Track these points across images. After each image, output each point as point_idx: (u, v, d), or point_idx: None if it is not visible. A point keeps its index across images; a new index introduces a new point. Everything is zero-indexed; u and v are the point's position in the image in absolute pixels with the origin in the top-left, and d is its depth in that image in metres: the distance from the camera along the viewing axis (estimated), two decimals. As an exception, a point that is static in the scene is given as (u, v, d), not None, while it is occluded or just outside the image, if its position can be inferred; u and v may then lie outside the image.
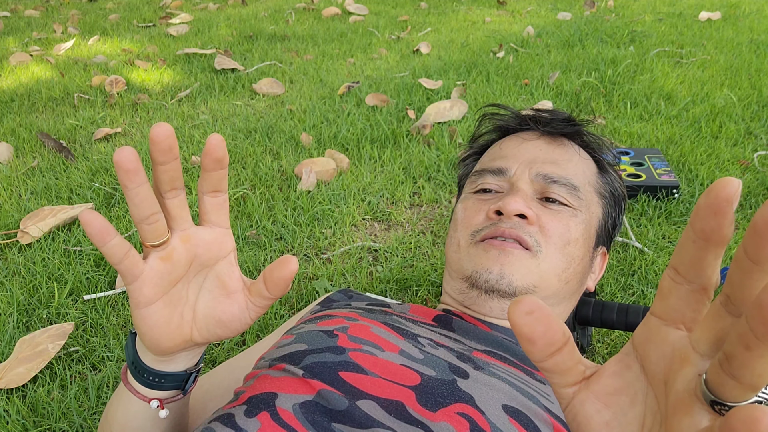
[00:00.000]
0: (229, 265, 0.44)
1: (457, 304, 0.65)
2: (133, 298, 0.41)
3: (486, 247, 0.60)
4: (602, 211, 0.69)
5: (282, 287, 0.42)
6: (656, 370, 0.27)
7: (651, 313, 0.28)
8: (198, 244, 0.42)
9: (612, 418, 0.28)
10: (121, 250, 0.38)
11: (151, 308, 0.42)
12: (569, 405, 0.29)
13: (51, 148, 1.63)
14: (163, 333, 0.43)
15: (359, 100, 1.95)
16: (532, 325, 0.27)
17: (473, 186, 0.68)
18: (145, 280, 0.41)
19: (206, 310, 0.44)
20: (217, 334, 0.45)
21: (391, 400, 0.46)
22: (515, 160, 0.67)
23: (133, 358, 0.47)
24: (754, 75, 2.08)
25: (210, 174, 0.40)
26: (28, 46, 2.76)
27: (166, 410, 0.49)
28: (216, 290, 0.44)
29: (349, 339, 0.53)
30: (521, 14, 3.31)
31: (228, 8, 3.66)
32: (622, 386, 0.28)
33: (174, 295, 0.43)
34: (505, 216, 0.61)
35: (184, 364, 0.48)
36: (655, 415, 0.27)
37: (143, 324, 0.42)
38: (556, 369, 0.28)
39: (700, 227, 0.24)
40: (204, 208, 0.42)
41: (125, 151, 0.36)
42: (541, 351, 0.28)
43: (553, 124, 0.70)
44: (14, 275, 1.12)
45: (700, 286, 0.26)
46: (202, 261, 0.43)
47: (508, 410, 0.47)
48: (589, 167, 0.70)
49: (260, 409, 0.46)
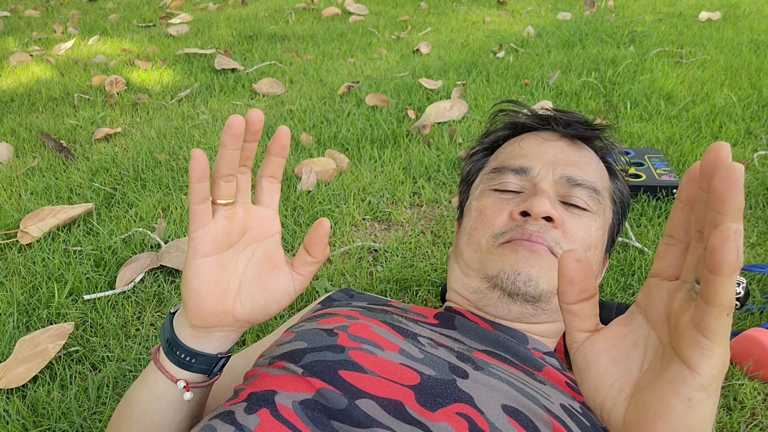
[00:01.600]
0: (275, 243, 0.49)
1: (467, 303, 0.64)
2: (194, 246, 0.44)
3: (514, 247, 0.59)
4: (613, 216, 0.69)
5: (321, 247, 0.47)
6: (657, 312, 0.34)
7: (650, 276, 0.35)
8: (254, 217, 0.47)
9: (618, 355, 0.34)
10: (206, 192, 0.43)
11: (207, 260, 0.45)
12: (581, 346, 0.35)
13: (51, 148, 1.63)
14: (210, 292, 0.45)
15: (359, 100, 1.95)
16: (578, 270, 0.34)
17: (492, 183, 0.67)
18: (209, 231, 0.44)
19: (253, 280, 0.47)
20: (260, 304, 0.47)
21: (391, 400, 0.46)
22: (537, 160, 0.66)
23: (169, 335, 0.49)
24: (754, 75, 2.08)
25: (273, 159, 0.47)
26: (28, 46, 2.76)
27: (191, 393, 0.50)
28: (263, 263, 0.48)
29: (349, 338, 0.53)
30: (521, 14, 3.31)
31: (228, 8, 3.66)
32: (627, 332, 0.35)
33: (226, 259, 0.46)
34: (531, 218, 0.60)
35: (217, 347, 0.49)
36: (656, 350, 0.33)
37: (196, 276, 0.45)
38: (580, 313, 0.35)
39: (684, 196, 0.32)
40: (261, 190, 0.48)
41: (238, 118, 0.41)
42: (575, 294, 0.34)
43: (574, 127, 0.69)
44: (14, 275, 1.12)
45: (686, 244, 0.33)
46: (253, 234, 0.48)
47: (508, 410, 0.46)
48: (604, 172, 0.70)
49: (260, 405, 0.46)
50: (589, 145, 0.71)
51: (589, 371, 0.34)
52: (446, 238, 1.23)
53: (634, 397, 0.33)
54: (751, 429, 0.81)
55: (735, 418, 0.81)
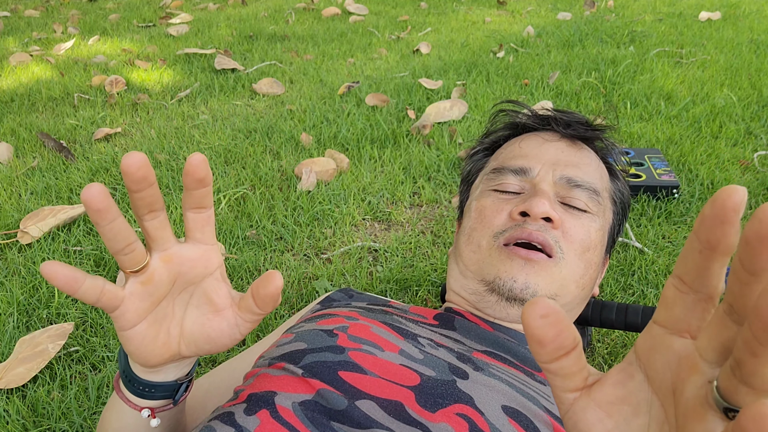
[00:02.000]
0: (216, 281, 0.43)
1: (466, 304, 0.64)
2: (117, 323, 0.41)
3: (510, 254, 0.59)
4: (613, 217, 0.69)
5: (270, 303, 0.41)
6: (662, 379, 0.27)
7: (654, 322, 0.27)
8: (182, 262, 0.42)
9: (614, 427, 0.27)
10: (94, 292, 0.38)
11: (136, 329, 0.42)
12: (569, 411, 0.29)
13: (51, 148, 1.63)
14: (150, 351, 0.43)
15: (359, 100, 1.95)
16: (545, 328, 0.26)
17: (492, 183, 0.67)
18: (127, 306, 0.40)
19: (194, 327, 0.44)
20: (205, 349, 0.44)
21: (391, 401, 0.46)
22: (537, 160, 0.66)
23: (124, 367, 0.47)
24: (754, 75, 2.08)
25: (192, 192, 0.40)
26: (28, 46, 2.76)
27: (157, 419, 0.49)
28: (204, 306, 0.44)
29: (349, 338, 0.53)
30: (521, 14, 3.31)
31: (228, 8, 3.66)
32: (625, 395, 0.28)
33: (159, 313, 0.42)
34: (531, 218, 0.60)
35: (174, 375, 0.48)
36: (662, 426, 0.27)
37: (129, 344, 0.42)
38: (561, 372, 0.28)
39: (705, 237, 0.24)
40: (188, 225, 0.42)
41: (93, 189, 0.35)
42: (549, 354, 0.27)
43: (575, 127, 0.69)
44: (14, 275, 1.12)
45: (705, 295, 0.25)
46: (187, 279, 0.43)
47: (508, 411, 0.46)
48: (605, 172, 0.70)
49: (260, 406, 0.46)
50: (590, 145, 0.71)
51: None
52: (446, 238, 1.23)
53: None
54: (751, 429, 0.80)
55: (735, 419, 0.81)
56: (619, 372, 0.28)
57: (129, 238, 0.38)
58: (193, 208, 0.41)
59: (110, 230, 0.37)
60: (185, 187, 0.40)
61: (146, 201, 0.38)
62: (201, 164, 0.38)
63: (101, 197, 0.35)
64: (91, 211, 0.35)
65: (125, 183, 0.36)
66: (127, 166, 0.36)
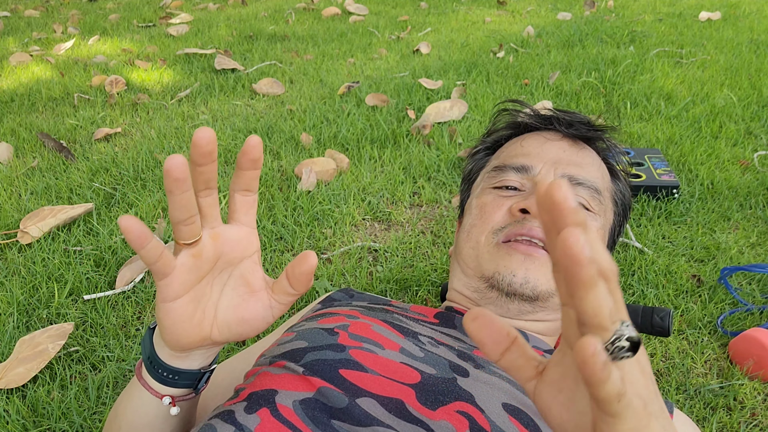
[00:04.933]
0: (253, 264, 0.45)
1: (468, 302, 0.64)
2: (161, 293, 0.42)
3: (509, 250, 0.59)
4: (614, 218, 0.69)
5: (304, 282, 0.43)
6: None
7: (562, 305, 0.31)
8: (225, 242, 0.43)
9: (566, 399, 0.32)
10: (156, 252, 0.39)
11: (177, 302, 0.43)
12: (533, 396, 0.33)
13: (51, 148, 1.63)
14: (185, 328, 0.44)
15: (359, 100, 1.95)
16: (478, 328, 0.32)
17: (493, 181, 0.67)
18: (175, 276, 0.42)
19: (229, 308, 0.45)
20: (237, 332, 0.45)
21: (391, 398, 0.46)
22: (539, 158, 0.66)
23: (150, 353, 0.48)
24: (754, 75, 2.08)
25: (245, 173, 0.42)
26: (28, 46, 2.76)
27: (177, 407, 0.49)
28: (240, 288, 0.45)
29: (350, 337, 0.53)
30: (521, 14, 3.31)
31: (228, 8, 3.66)
32: (564, 370, 0.32)
33: (199, 291, 0.44)
34: (531, 215, 0.60)
35: (199, 363, 0.48)
36: None
37: (167, 318, 0.43)
38: (511, 366, 0.33)
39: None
40: (234, 206, 0.43)
41: (176, 159, 0.37)
42: (491, 351, 0.32)
43: (577, 127, 0.69)
44: (14, 275, 1.12)
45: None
46: (227, 259, 0.44)
47: (508, 408, 0.46)
48: (606, 173, 0.70)
49: (260, 405, 0.46)
50: (591, 145, 0.71)
51: (551, 421, 0.32)
52: (446, 238, 1.23)
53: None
54: (751, 429, 0.81)
55: (735, 418, 0.81)
56: (557, 353, 0.33)
57: (192, 210, 0.40)
58: (241, 189, 0.43)
59: (181, 200, 0.38)
60: (239, 167, 0.42)
61: (206, 176, 0.40)
62: (258, 146, 0.41)
63: (183, 168, 0.37)
64: (170, 179, 0.37)
65: (192, 156, 0.39)
66: (198, 139, 0.38)
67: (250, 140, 0.40)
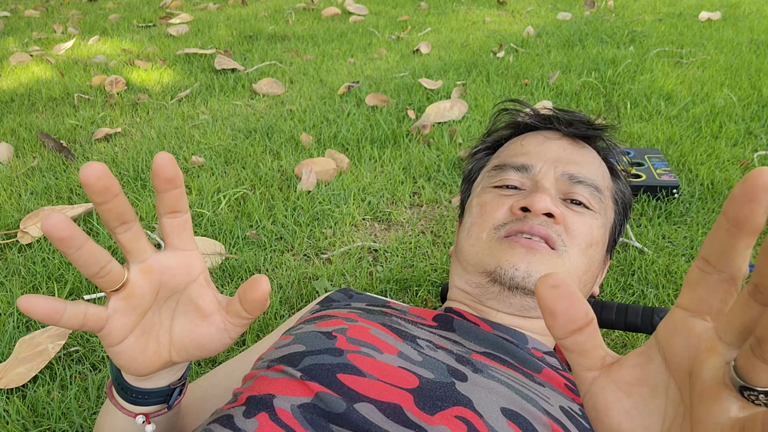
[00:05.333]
0: (200, 287, 0.42)
1: (469, 300, 0.64)
2: (104, 341, 0.41)
3: (511, 244, 0.59)
4: (614, 217, 0.69)
5: (258, 307, 0.40)
6: (680, 361, 0.27)
7: (677, 306, 0.28)
8: (162, 271, 0.40)
9: (633, 408, 0.28)
10: (76, 319, 0.37)
11: (124, 344, 0.41)
12: (588, 391, 0.29)
13: (51, 148, 1.63)
14: (141, 362, 0.42)
15: (359, 100, 1.95)
16: (556, 298, 0.27)
17: (493, 180, 0.67)
18: (113, 324, 0.40)
19: (183, 333, 0.43)
20: (196, 355, 0.44)
21: (389, 403, 0.46)
22: (539, 157, 0.66)
23: (116, 376, 0.47)
24: (754, 75, 2.08)
25: (164, 195, 0.38)
26: (28, 46, 2.76)
27: (152, 425, 0.49)
28: (191, 313, 0.43)
29: (348, 341, 0.52)
30: (521, 14, 3.31)
31: (228, 8, 3.66)
32: (644, 377, 0.28)
33: (146, 324, 0.42)
34: (532, 214, 0.60)
35: (167, 380, 0.48)
36: (678, 407, 0.27)
37: (119, 358, 0.42)
38: (576, 348, 0.29)
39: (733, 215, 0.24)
40: (165, 231, 0.40)
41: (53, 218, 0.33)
42: (561, 326, 0.28)
43: (576, 126, 0.69)
44: (14, 275, 1.12)
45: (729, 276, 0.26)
46: (170, 287, 0.41)
47: (507, 413, 0.46)
48: (606, 172, 0.70)
49: (259, 409, 0.46)
50: (591, 144, 0.71)
51: (601, 424, 0.29)
52: (446, 238, 1.23)
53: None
54: (750, 429, 0.80)
55: (735, 419, 0.81)
56: (639, 355, 0.29)
57: (102, 261, 0.36)
58: (167, 213, 0.39)
59: (80, 257, 0.35)
60: (156, 191, 0.38)
61: (114, 213, 0.36)
62: (168, 163, 0.37)
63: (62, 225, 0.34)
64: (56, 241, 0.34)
65: (88, 196, 0.35)
66: (86, 177, 0.34)
67: (157, 159, 0.37)
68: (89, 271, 0.36)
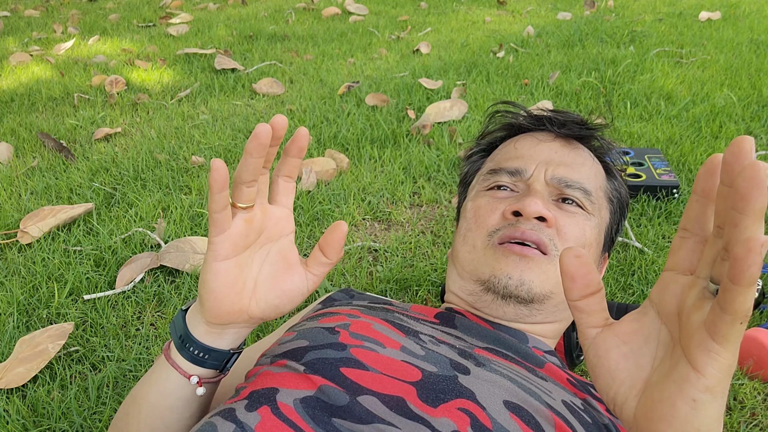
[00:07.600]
0: (290, 242, 0.50)
1: (465, 305, 0.64)
2: (214, 250, 0.45)
3: (505, 252, 0.60)
4: (610, 216, 0.69)
5: (337, 249, 0.48)
6: (670, 307, 0.34)
7: (665, 270, 0.35)
8: (270, 217, 0.48)
9: (629, 351, 0.35)
10: (226, 201, 0.43)
11: (226, 263, 0.46)
12: (592, 342, 0.36)
13: (51, 148, 1.63)
14: (227, 294, 0.46)
15: (359, 100, 1.95)
16: (577, 266, 0.35)
17: (487, 184, 0.67)
18: (229, 235, 0.45)
19: (268, 280, 0.48)
20: (274, 304, 0.48)
21: (392, 396, 0.46)
22: (531, 161, 0.66)
23: (182, 332, 0.50)
24: (754, 75, 2.08)
25: (290, 159, 0.47)
26: (28, 46, 2.76)
27: (203, 388, 0.50)
28: (278, 263, 0.49)
29: (351, 336, 0.53)
30: (521, 14, 3.31)
31: (228, 8, 3.66)
32: (639, 327, 0.35)
33: (243, 260, 0.47)
34: (524, 218, 0.61)
35: (230, 343, 0.50)
36: (667, 346, 0.33)
37: (214, 279, 0.46)
38: (587, 309, 0.36)
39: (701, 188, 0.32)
40: (276, 189, 0.49)
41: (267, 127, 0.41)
42: (578, 289, 0.35)
43: (569, 127, 0.69)
44: (14, 275, 1.12)
45: (702, 238, 0.33)
46: (269, 234, 0.48)
47: (510, 406, 0.47)
48: (600, 171, 0.70)
49: (261, 403, 0.46)
50: (586, 144, 0.71)
51: (601, 367, 0.35)
52: (446, 238, 1.23)
53: (644, 393, 0.33)
54: (751, 429, 0.81)
55: (735, 418, 0.81)
56: (635, 313, 0.36)
57: (256, 176, 0.44)
58: (284, 175, 0.48)
59: (254, 163, 0.43)
60: (286, 154, 0.47)
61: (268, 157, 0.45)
62: (307, 136, 0.46)
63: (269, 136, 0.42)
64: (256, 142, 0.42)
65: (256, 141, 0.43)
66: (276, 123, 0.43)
67: (300, 130, 0.45)
68: (247, 177, 0.43)
